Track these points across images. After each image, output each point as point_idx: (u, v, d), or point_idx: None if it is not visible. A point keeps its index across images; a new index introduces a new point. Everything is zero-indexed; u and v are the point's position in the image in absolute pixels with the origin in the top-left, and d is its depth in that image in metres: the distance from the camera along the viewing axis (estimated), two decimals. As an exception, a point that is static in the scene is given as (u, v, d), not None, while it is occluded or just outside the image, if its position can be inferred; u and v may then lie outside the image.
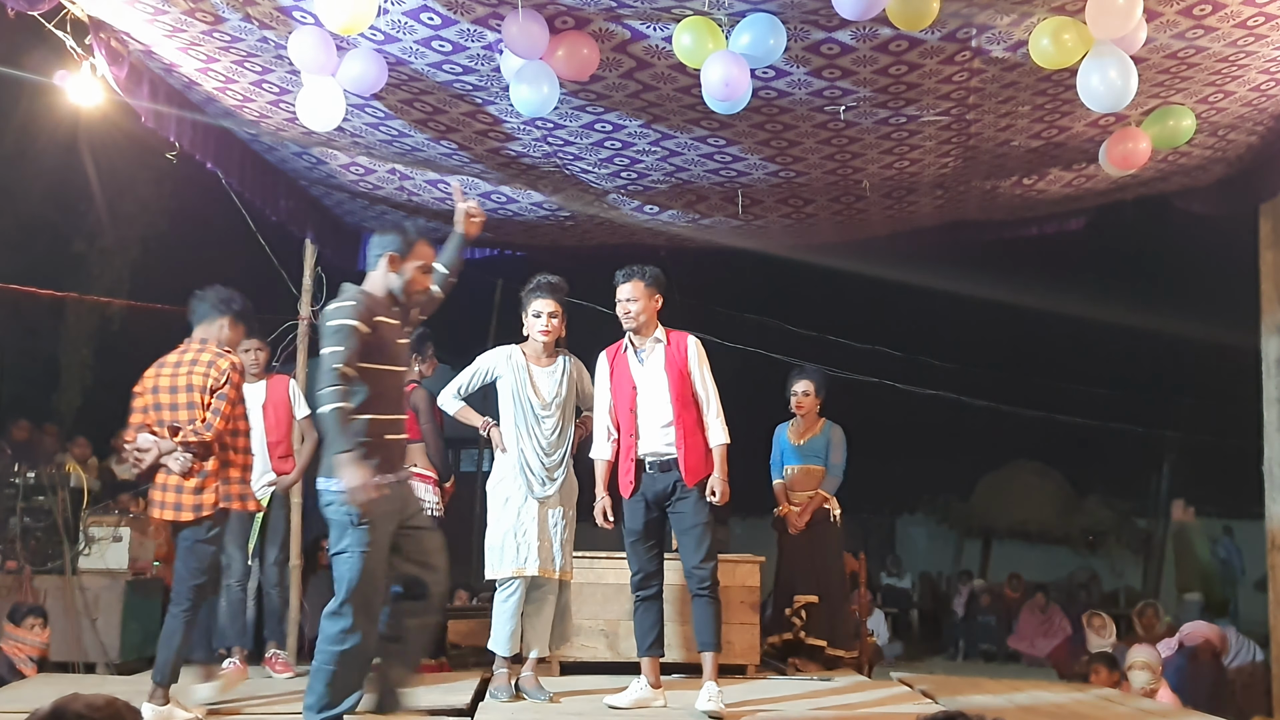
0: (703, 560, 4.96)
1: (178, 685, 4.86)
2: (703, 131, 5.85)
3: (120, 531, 7.20)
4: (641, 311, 5.10)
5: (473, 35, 4.80)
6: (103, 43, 4.98)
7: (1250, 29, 4.85)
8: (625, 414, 5.10)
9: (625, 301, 5.11)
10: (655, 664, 5.06)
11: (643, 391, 5.09)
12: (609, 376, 5.18)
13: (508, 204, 7.15)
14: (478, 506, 8.77)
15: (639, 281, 5.11)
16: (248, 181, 6.55)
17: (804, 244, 7.96)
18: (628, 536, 5.11)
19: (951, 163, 6.34)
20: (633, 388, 5.10)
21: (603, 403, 5.19)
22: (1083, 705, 5.53)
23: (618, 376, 5.16)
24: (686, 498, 5.00)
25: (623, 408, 5.11)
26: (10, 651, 6.22)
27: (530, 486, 5.18)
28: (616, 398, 5.14)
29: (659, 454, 5.05)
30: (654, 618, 5.06)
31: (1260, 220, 6.88)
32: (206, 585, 4.89)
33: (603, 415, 5.18)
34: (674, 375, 5.06)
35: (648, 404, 5.08)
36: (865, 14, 4.31)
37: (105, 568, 7.12)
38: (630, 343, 5.18)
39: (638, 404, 5.08)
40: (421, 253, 4.57)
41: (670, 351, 5.11)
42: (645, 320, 5.12)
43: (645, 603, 5.07)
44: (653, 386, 5.09)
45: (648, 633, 5.05)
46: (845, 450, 6.78)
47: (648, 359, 5.12)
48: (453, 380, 5.45)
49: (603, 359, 5.24)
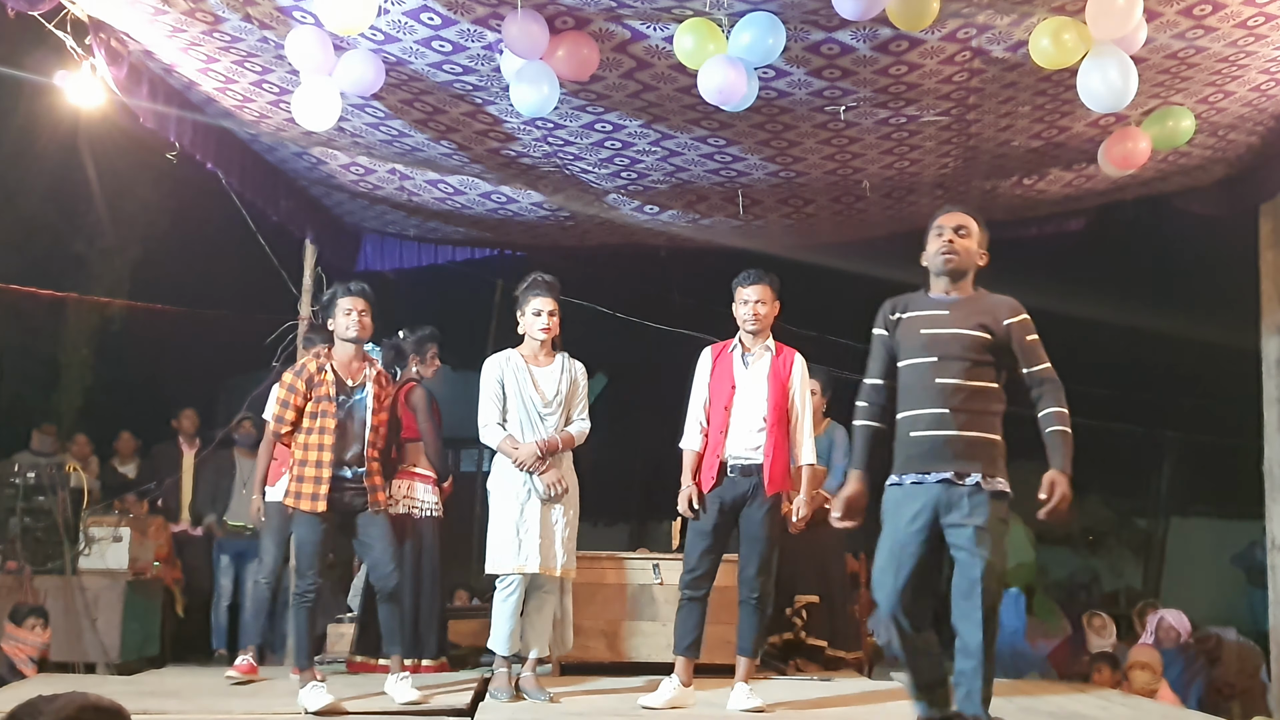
0: (758, 572, 5.01)
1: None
2: (703, 131, 5.85)
3: (120, 531, 7.20)
4: (767, 315, 5.12)
5: (473, 35, 4.80)
6: (103, 43, 4.98)
7: (1250, 29, 4.85)
8: (719, 411, 5.11)
9: (754, 303, 5.09)
10: (690, 664, 5.08)
11: (741, 393, 5.11)
12: (710, 371, 5.20)
13: (508, 204, 7.15)
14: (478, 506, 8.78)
15: (768, 286, 5.11)
16: (248, 181, 6.55)
17: (804, 244, 7.96)
18: (692, 532, 5.11)
19: (951, 163, 6.34)
20: (732, 387, 5.12)
21: (699, 395, 5.21)
22: (1083, 705, 5.53)
23: (719, 373, 5.17)
24: (762, 507, 5.02)
25: (718, 405, 5.12)
26: (11, 652, 6.22)
27: (533, 484, 5.18)
28: (714, 394, 5.15)
29: (744, 458, 5.06)
30: (697, 619, 5.06)
31: (1260, 220, 6.88)
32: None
33: (696, 408, 5.20)
34: (775, 385, 5.10)
35: (743, 406, 5.10)
36: (865, 14, 4.32)
37: (105, 568, 7.12)
38: (740, 343, 5.19)
39: (734, 404, 5.10)
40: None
41: (776, 362, 5.14)
42: (766, 324, 5.15)
43: (691, 603, 5.07)
44: (752, 391, 5.11)
45: (689, 633, 5.05)
46: (848, 452, 6.76)
47: (753, 364, 5.15)
48: (483, 412, 5.27)
49: (707, 354, 5.26)
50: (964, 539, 3.89)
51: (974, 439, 3.96)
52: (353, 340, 5.17)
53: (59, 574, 7.06)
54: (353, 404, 5.11)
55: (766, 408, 5.07)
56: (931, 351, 4.01)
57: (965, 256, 4.10)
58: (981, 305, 4.09)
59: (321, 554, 5.07)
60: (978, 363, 3.99)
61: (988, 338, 4.00)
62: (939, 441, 3.96)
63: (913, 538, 3.97)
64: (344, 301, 5.14)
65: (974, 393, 3.98)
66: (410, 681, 5.08)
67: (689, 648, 5.04)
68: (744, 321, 5.13)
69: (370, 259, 8.33)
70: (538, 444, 5.16)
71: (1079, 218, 7.66)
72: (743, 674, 5.03)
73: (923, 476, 3.98)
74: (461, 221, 7.61)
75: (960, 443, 3.94)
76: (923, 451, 3.98)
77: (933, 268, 4.16)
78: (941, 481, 3.94)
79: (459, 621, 7.55)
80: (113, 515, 7.40)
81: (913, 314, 4.12)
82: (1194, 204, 7.21)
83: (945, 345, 4.00)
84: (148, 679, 6.01)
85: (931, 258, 4.15)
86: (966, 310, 4.06)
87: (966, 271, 4.13)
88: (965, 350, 3.98)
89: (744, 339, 5.19)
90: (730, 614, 5.28)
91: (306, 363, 5.18)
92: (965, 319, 4.03)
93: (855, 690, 5.77)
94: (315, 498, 5.01)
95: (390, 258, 8.34)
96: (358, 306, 5.13)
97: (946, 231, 4.11)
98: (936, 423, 3.97)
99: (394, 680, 5.04)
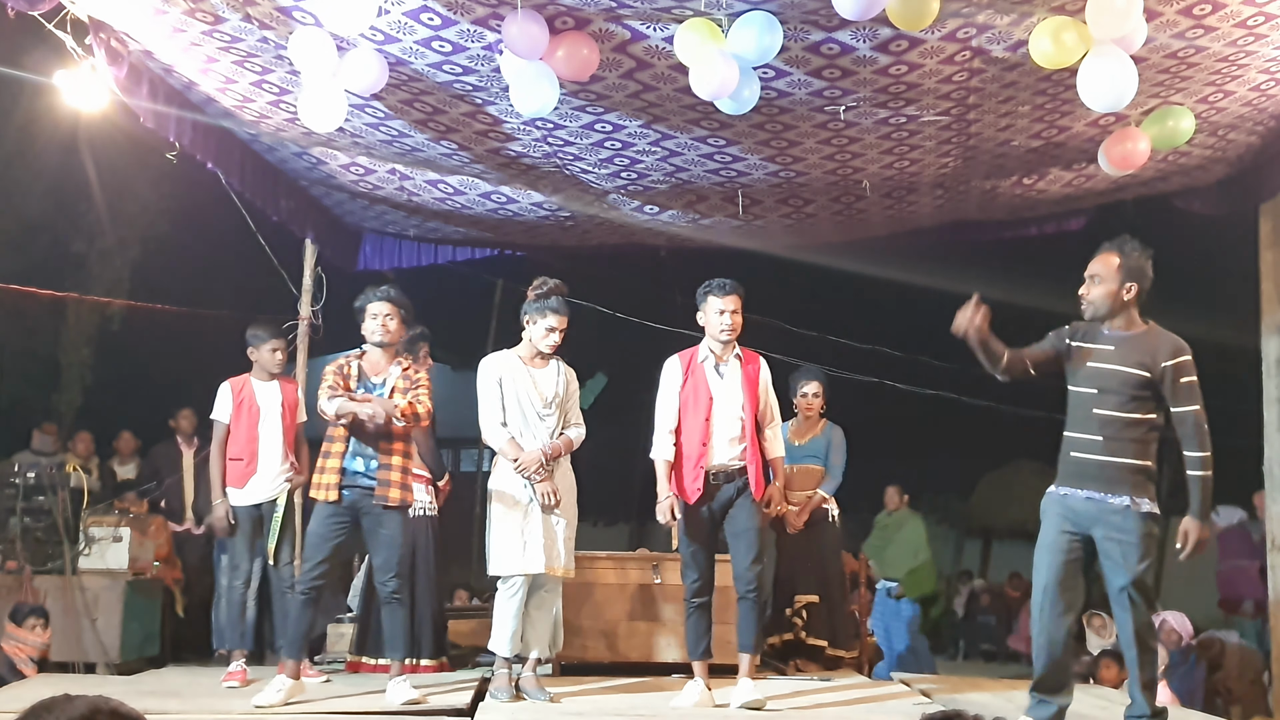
0: (752, 563, 5.10)
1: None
2: (703, 131, 5.85)
3: (120, 531, 7.19)
4: (741, 325, 5.19)
5: (473, 36, 4.80)
6: (103, 43, 4.98)
7: (1250, 29, 4.85)
8: (699, 423, 5.15)
9: (730, 313, 5.14)
10: (707, 666, 5.19)
11: (719, 403, 5.17)
12: (681, 382, 5.23)
13: (508, 204, 7.15)
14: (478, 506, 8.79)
15: (739, 295, 5.19)
16: (248, 181, 6.55)
17: (804, 244, 7.97)
18: (689, 545, 5.19)
19: (951, 163, 6.34)
20: (709, 398, 5.17)
21: (669, 405, 5.23)
22: (1083, 705, 5.51)
23: (693, 384, 5.21)
24: (744, 502, 5.13)
25: (696, 417, 5.16)
26: (11, 651, 6.22)
27: (534, 485, 5.18)
28: (690, 405, 5.19)
29: (727, 466, 5.14)
30: (706, 624, 5.19)
31: (1260, 220, 6.88)
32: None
33: (667, 417, 5.23)
34: (750, 392, 5.17)
35: (722, 416, 5.16)
36: (865, 14, 4.31)
37: (105, 568, 7.12)
38: (711, 353, 5.22)
39: (713, 414, 5.15)
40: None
41: (747, 369, 5.21)
42: (738, 334, 5.20)
43: (700, 610, 5.18)
44: (729, 400, 5.17)
45: (701, 637, 5.18)
46: (845, 452, 6.77)
47: (727, 373, 5.20)
48: (484, 413, 5.27)
49: (675, 362, 5.28)
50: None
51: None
52: (378, 344, 5.20)
53: (59, 574, 7.06)
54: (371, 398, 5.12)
55: (745, 415, 5.15)
56: (1093, 384, 4.35)
57: (1099, 303, 4.39)
58: (1145, 344, 4.34)
59: (330, 546, 5.07)
60: (1135, 398, 4.30)
61: (1146, 375, 4.28)
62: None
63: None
64: (372, 306, 5.18)
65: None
66: (409, 682, 5.08)
67: (704, 651, 5.18)
68: (720, 331, 5.16)
69: (370, 259, 8.33)
70: (542, 450, 5.18)
71: (1079, 218, 7.66)
72: (746, 670, 5.11)
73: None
74: (461, 221, 7.61)
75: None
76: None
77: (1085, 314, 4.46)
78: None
79: (459, 621, 7.55)
80: (113, 515, 7.40)
81: (1082, 344, 4.41)
82: (1194, 204, 7.21)
83: (1106, 379, 4.32)
84: (148, 679, 6.00)
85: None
86: (1129, 348, 4.34)
87: (1111, 314, 4.37)
88: (1123, 386, 4.30)
89: (714, 348, 5.22)
90: (727, 614, 5.31)
91: (339, 357, 5.24)
92: (1126, 357, 4.32)
93: (855, 690, 5.77)
94: (328, 488, 5.05)
95: (390, 258, 8.33)
96: (383, 311, 5.16)
97: (1086, 281, 4.42)
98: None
99: (393, 683, 5.05)
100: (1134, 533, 4.27)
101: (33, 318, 11.50)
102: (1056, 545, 4.39)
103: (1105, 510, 4.29)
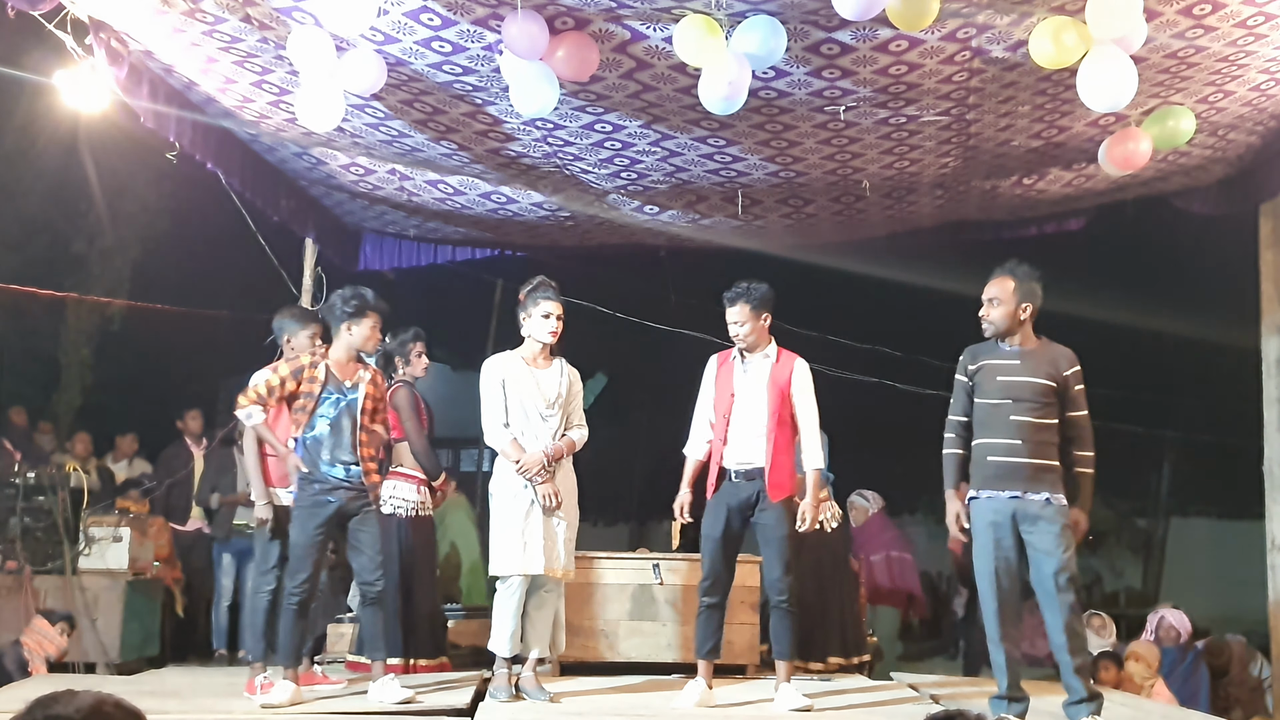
0: (783, 573, 5.09)
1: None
2: (703, 131, 5.85)
3: (120, 531, 7.20)
4: (750, 333, 5.19)
5: (472, 36, 4.80)
6: (103, 43, 4.98)
7: (1250, 29, 4.85)
8: (720, 420, 5.20)
9: (733, 325, 5.20)
10: (710, 666, 5.19)
11: (740, 401, 5.19)
12: (715, 380, 5.29)
13: (508, 204, 7.15)
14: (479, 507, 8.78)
15: (745, 305, 5.18)
16: (248, 181, 6.55)
17: (804, 244, 7.97)
18: (704, 539, 5.20)
19: (951, 163, 6.34)
20: (731, 395, 5.20)
21: (704, 402, 5.30)
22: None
23: (721, 382, 5.26)
24: (770, 511, 5.10)
25: (719, 414, 5.21)
26: (32, 645, 6.27)
27: (535, 487, 5.18)
28: (717, 404, 5.24)
29: (745, 463, 5.14)
30: (717, 623, 5.18)
31: (1260, 220, 6.88)
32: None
33: (701, 415, 5.29)
34: (774, 391, 5.16)
35: (742, 413, 5.17)
36: (865, 14, 4.31)
37: (105, 568, 7.12)
38: (740, 353, 5.27)
39: (733, 412, 5.18)
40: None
41: (776, 369, 5.21)
42: (755, 340, 5.21)
43: (710, 609, 5.17)
44: (751, 398, 5.18)
45: (709, 637, 5.17)
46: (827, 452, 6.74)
47: (751, 371, 5.23)
48: (487, 414, 5.25)
49: (712, 362, 5.35)
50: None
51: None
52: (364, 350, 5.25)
53: (59, 574, 7.07)
54: (347, 403, 5.11)
55: (766, 414, 5.13)
56: (1006, 395, 4.70)
57: (999, 323, 4.75)
58: (1046, 356, 4.75)
59: (314, 556, 5.05)
60: (1045, 404, 4.69)
61: (1052, 385, 4.68)
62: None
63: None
64: (375, 317, 5.19)
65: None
66: (398, 682, 5.08)
67: (710, 651, 5.17)
68: (734, 341, 5.24)
69: (370, 259, 8.33)
70: (544, 452, 5.18)
71: (1079, 218, 7.66)
72: (784, 675, 5.12)
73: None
74: (461, 221, 7.61)
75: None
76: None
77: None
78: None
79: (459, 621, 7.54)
80: (113, 515, 7.40)
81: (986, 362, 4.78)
82: (1194, 204, 7.21)
83: (1018, 390, 4.69)
84: (148, 679, 6.00)
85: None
86: (1034, 361, 4.72)
87: (1010, 332, 4.75)
88: (1034, 395, 4.67)
89: (741, 350, 5.27)
90: (733, 616, 5.30)
91: (300, 358, 5.20)
92: (1035, 369, 4.70)
93: (855, 689, 5.77)
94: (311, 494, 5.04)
95: (390, 258, 8.34)
96: (379, 323, 5.22)
97: (985, 304, 4.78)
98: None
99: (377, 684, 5.04)
100: (1057, 523, 4.63)
101: (33, 318, 11.50)
102: (990, 549, 4.71)
103: (1029, 506, 4.64)
